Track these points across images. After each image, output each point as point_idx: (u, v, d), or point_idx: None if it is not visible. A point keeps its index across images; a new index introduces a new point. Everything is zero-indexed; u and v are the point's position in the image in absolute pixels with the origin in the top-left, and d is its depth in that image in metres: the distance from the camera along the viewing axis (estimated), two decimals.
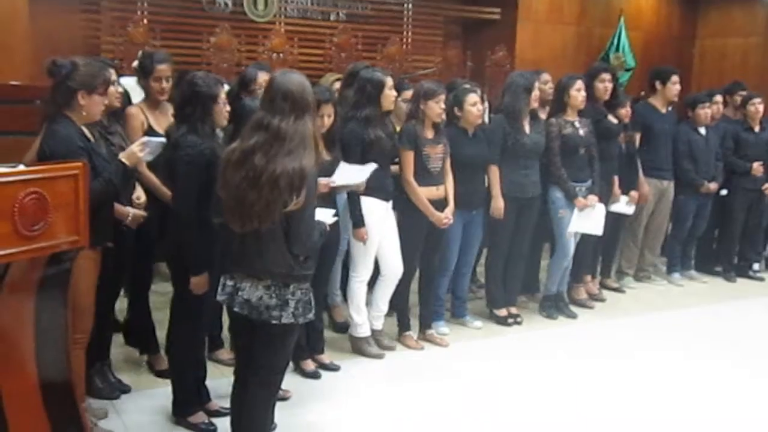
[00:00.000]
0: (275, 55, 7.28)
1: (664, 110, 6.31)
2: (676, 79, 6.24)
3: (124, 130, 3.93)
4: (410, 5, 8.36)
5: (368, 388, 4.32)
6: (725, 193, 6.69)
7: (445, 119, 4.71)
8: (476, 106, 4.79)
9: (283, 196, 2.82)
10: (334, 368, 4.47)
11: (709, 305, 6.17)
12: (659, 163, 6.28)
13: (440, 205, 4.68)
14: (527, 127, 5.14)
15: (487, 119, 5.32)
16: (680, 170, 6.38)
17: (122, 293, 4.33)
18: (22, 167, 2.79)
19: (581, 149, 5.37)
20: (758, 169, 6.61)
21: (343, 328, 4.96)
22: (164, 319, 3.79)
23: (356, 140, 4.33)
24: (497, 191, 5.07)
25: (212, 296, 3.34)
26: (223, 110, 3.50)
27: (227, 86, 3.75)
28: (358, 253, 4.57)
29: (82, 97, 3.21)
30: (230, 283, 3.04)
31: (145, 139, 3.43)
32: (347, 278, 4.76)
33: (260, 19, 7.44)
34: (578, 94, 5.33)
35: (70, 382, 3.06)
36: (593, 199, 5.40)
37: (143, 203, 3.89)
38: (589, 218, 5.40)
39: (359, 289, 4.64)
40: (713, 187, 6.47)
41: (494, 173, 5.07)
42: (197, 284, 3.42)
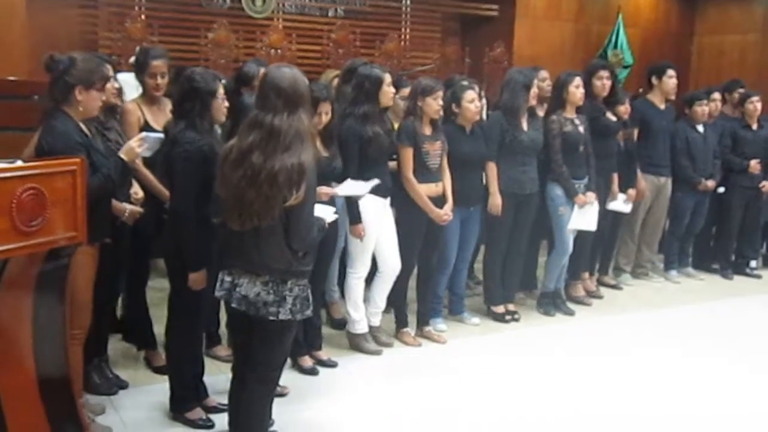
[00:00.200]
0: (273, 51, 7.28)
1: (662, 106, 6.30)
2: (671, 72, 6.24)
3: (120, 126, 3.92)
4: (408, 1, 8.37)
5: (366, 384, 4.32)
6: (723, 190, 6.69)
7: (442, 116, 4.71)
8: (474, 102, 4.79)
9: (282, 191, 2.82)
10: (331, 365, 4.47)
11: (706, 302, 6.18)
12: (657, 159, 6.28)
13: (439, 201, 4.68)
14: (525, 124, 5.13)
15: (485, 116, 5.31)
16: (678, 167, 6.38)
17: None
18: (20, 163, 2.79)
19: (581, 146, 5.37)
20: (756, 166, 6.61)
21: (340, 324, 4.96)
22: (162, 315, 3.79)
23: (354, 137, 4.33)
24: (495, 188, 5.08)
25: (210, 292, 3.34)
26: (221, 106, 3.50)
27: (224, 82, 3.74)
28: (355, 249, 4.57)
29: (79, 92, 3.20)
30: (228, 279, 3.04)
31: (143, 134, 3.44)
32: (345, 275, 4.76)
33: (258, 15, 7.44)
34: (577, 90, 5.33)
35: (67, 377, 3.06)
36: (592, 196, 5.41)
37: (141, 199, 3.89)
38: (585, 215, 5.41)
39: (357, 285, 4.64)
40: (711, 184, 6.47)
41: (492, 170, 5.07)
42: (195, 280, 3.42)
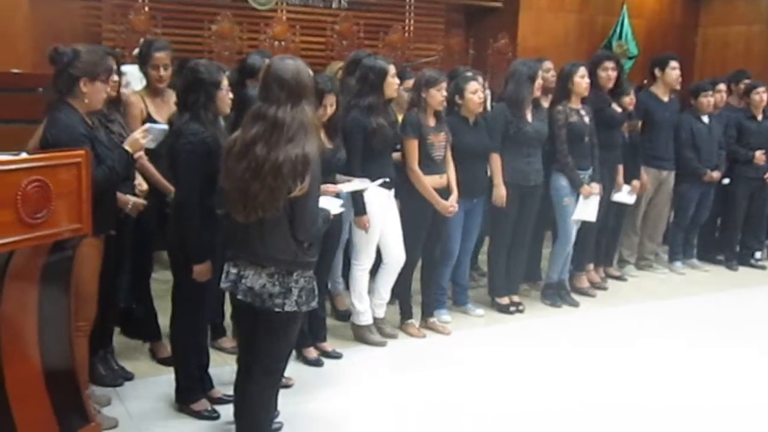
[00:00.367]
0: (277, 43, 7.27)
1: (666, 98, 6.28)
2: (674, 64, 6.21)
3: (123, 118, 3.92)
4: None
5: (370, 375, 4.33)
6: (728, 181, 6.67)
7: (445, 107, 4.71)
8: (477, 94, 4.78)
9: (286, 182, 2.81)
10: (336, 356, 4.47)
11: (711, 294, 6.17)
12: (659, 152, 6.26)
13: (443, 193, 4.67)
14: (530, 115, 5.12)
15: (489, 107, 5.30)
16: (683, 159, 6.36)
17: None
18: (24, 155, 2.79)
19: (586, 137, 5.36)
20: (761, 157, 6.59)
21: (345, 316, 4.97)
22: (166, 307, 3.80)
23: (358, 128, 4.32)
24: (499, 179, 5.07)
25: (214, 284, 3.34)
26: (225, 97, 3.50)
27: (228, 73, 3.74)
28: (360, 241, 4.57)
29: (84, 84, 3.20)
30: (234, 270, 3.04)
31: (147, 126, 3.44)
32: (349, 266, 4.76)
33: (262, 6, 7.43)
34: (582, 81, 5.31)
35: (73, 369, 3.08)
36: (596, 187, 5.41)
37: (145, 191, 3.90)
38: (588, 206, 5.41)
39: (361, 277, 4.64)
40: (716, 175, 6.45)
41: (496, 161, 5.06)
42: (200, 272, 3.43)
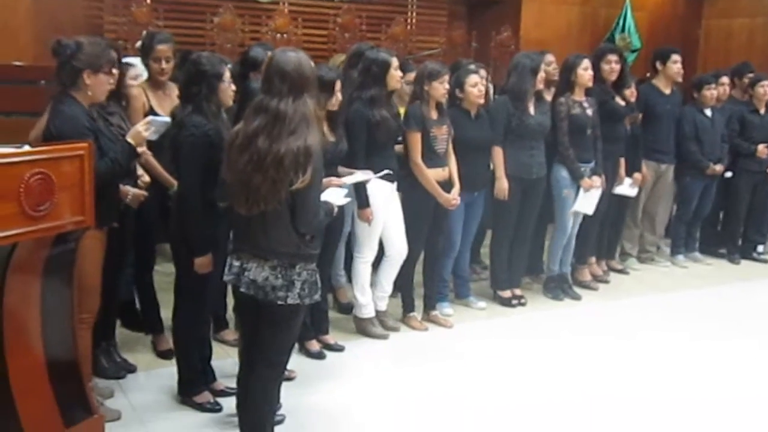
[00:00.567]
0: (279, 35, 7.26)
1: (667, 91, 6.26)
2: (676, 57, 6.20)
3: (123, 110, 3.91)
4: None
5: (373, 368, 4.34)
6: (730, 175, 6.66)
7: (447, 100, 4.70)
8: (477, 86, 4.77)
9: (288, 175, 2.81)
10: (338, 349, 4.48)
11: (713, 287, 6.17)
12: (659, 145, 6.24)
13: (445, 186, 4.67)
14: (532, 108, 5.11)
15: (492, 100, 5.30)
16: (686, 152, 6.35)
17: None
18: (27, 148, 2.79)
19: (588, 130, 5.35)
20: (763, 150, 6.57)
21: (347, 308, 4.97)
22: (169, 299, 3.80)
23: (361, 121, 4.32)
24: (501, 172, 5.06)
25: (216, 276, 3.35)
26: (228, 89, 3.50)
27: (230, 66, 3.73)
28: (362, 234, 4.57)
29: (87, 76, 3.20)
30: (237, 263, 3.04)
31: (150, 118, 3.44)
32: (351, 259, 4.76)
33: None
34: (585, 73, 5.30)
35: (76, 361, 3.08)
36: (597, 180, 5.40)
37: (147, 183, 3.89)
38: (589, 199, 5.41)
39: (364, 270, 4.65)
40: (719, 168, 6.43)
41: (498, 154, 5.06)
42: (201, 264, 3.43)
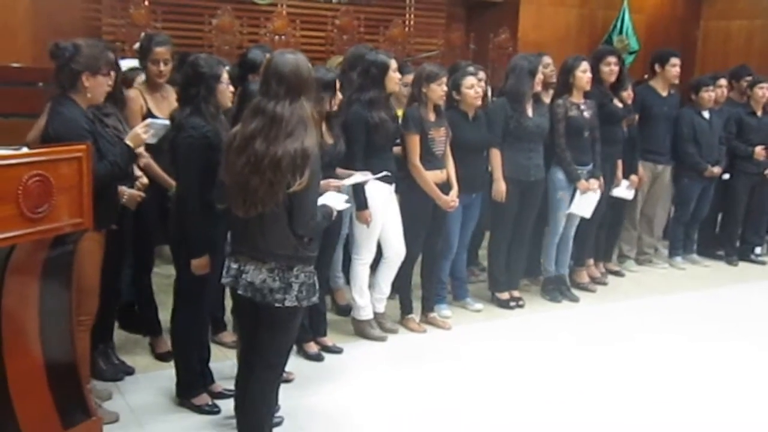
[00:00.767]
0: (277, 37, 7.26)
1: (664, 93, 6.28)
2: (675, 61, 6.21)
3: (120, 112, 3.91)
4: None
5: (371, 370, 4.34)
6: (728, 177, 6.67)
7: (444, 102, 4.71)
8: (473, 88, 4.77)
9: (286, 177, 2.82)
10: (336, 351, 4.48)
11: (711, 289, 6.18)
12: (656, 146, 6.26)
13: (444, 188, 4.67)
14: (530, 110, 5.12)
15: (489, 101, 5.31)
16: (684, 154, 6.36)
17: None
18: (25, 150, 2.79)
19: (585, 132, 5.36)
20: (761, 152, 6.58)
21: (345, 310, 4.97)
22: (167, 301, 3.80)
23: (360, 123, 4.32)
24: (499, 174, 5.07)
25: (215, 278, 3.35)
26: (226, 91, 3.51)
27: (228, 68, 3.73)
28: (361, 235, 4.57)
29: (86, 78, 3.21)
30: (234, 265, 3.05)
31: (149, 121, 3.44)
32: (349, 261, 4.77)
33: (262, 1, 7.41)
34: (583, 75, 5.31)
35: (74, 363, 3.08)
36: (594, 183, 5.40)
37: (146, 185, 3.89)
38: (586, 201, 5.41)
39: (362, 271, 4.65)
40: (717, 170, 6.44)
41: (495, 156, 5.06)
42: (198, 266, 3.44)
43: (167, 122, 3.49)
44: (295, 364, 4.05)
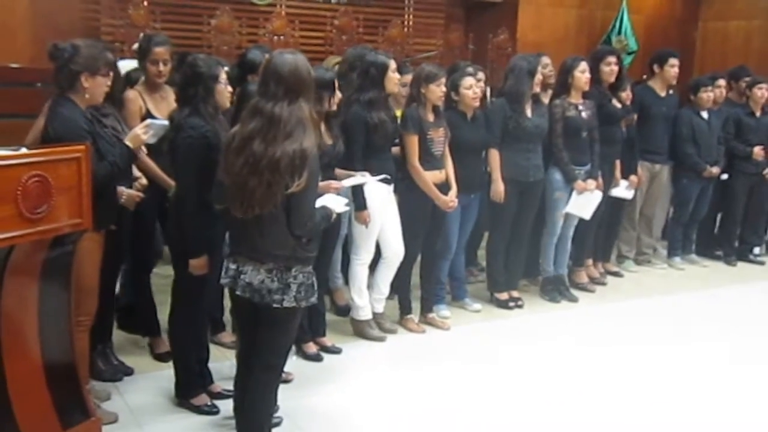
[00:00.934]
0: (276, 37, 7.26)
1: (663, 93, 6.29)
2: (673, 61, 6.22)
3: (119, 112, 3.91)
4: None
5: (370, 370, 4.34)
6: (726, 177, 6.68)
7: (443, 102, 4.71)
8: (471, 89, 4.78)
9: (284, 178, 2.82)
10: (335, 351, 4.48)
11: (709, 289, 6.19)
12: (654, 146, 6.26)
13: (443, 188, 4.67)
14: (529, 110, 5.12)
15: (488, 102, 5.31)
16: (682, 154, 6.37)
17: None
18: (24, 150, 2.79)
19: (583, 132, 5.36)
20: (759, 153, 6.60)
21: (344, 311, 4.97)
22: (165, 301, 3.80)
23: (360, 123, 4.32)
24: (497, 175, 5.07)
25: (214, 278, 3.35)
26: (224, 91, 3.50)
27: (227, 68, 3.73)
28: (359, 236, 4.57)
29: (85, 79, 3.21)
30: (233, 266, 3.05)
31: (148, 121, 3.44)
32: (348, 261, 4.77)
33: (261, 1, 7.41)
34: (582, 75, 5.31)
35: (73, 364, 3.08)
36: (592, 183, 5.40)
37: (145, 185, 3.89)
38: (585, 202, 5.41)
39: (361, 272, 4.65)
40: (715, 171, 6.45)
41: (494, 157, 5.07)
42: (196, 266, 3.44)
43: (166, 123, 3.49)
44: (294, 364, 4.05)
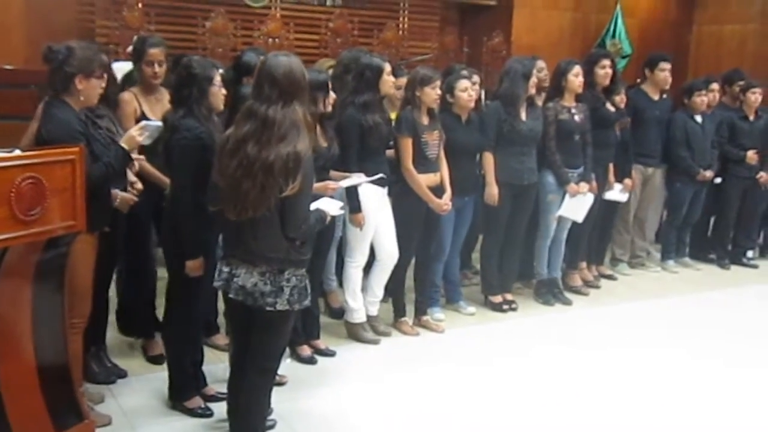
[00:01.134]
0: (271, 40, 7.27)
1: (656, 97, 6.31)
2: (663, 65, 6.23)
3: (113, 114, 3.90)
4: None
5: (364, 373, 4.33)
6: (720, 181, 6.70)
7: (438, 105, 4.72)
8: (466, 91, 4.78)
9: (278, 181, 2.82)
10: (329, 354, 4.47)
11: (703, 292, 6.19)
12: (647, 149, 6.27)
13: (437, 191, 4.68)
14: (524, 113, 5.13)
15: (483, 106, 5.32)
16: (676, 157, 6.38)
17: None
18: (18, 152, 2.79)
19: (576, 135, 5.37)
20: (753, 157, 6.62)
21: (338, 313, 4.97)
22: (159, 303, 3.79)
23: (354, 125, 4.32)
24: (491, 178, 5.07)
25: (208, 280, 3.34)
26: (218, 93, 3.51)
27: (222, 71, 3.73)
28: (354, 238, 4.57)
29: (80, 81, 3.20)
30: (226, 269, 3.04)
31: (143, 123, 3.44)
32: (342, 264, 4.77)
33: (256, 3, 7.42)
34: (575, 79, 5.32)
35: (67, 366, 3.07)
36: (585, 186, 5.41)
37: (140, 190, 3.86)
38: (577, 205, 5.42)
39: (355, 274, 4.65)
40: (709, 174, 6.46)
41: (488, 160, 5.07)
42: (192, 268, 3.43)
43: (161, 124, 3.48)
44: (288, 367, 4.05)
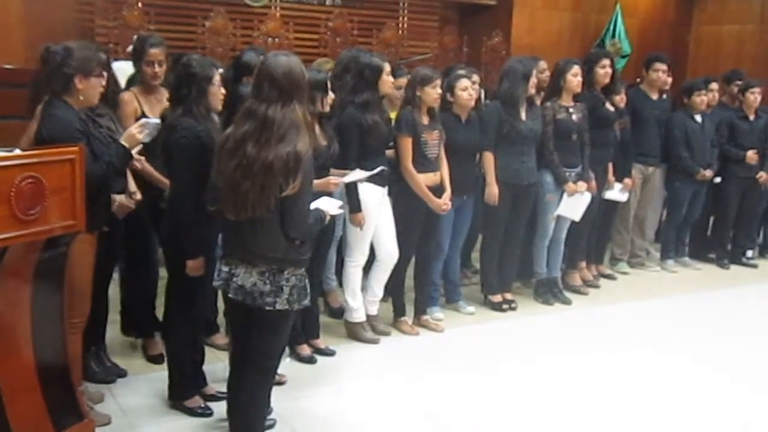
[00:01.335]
0: (270, 39, 7.26)
1: (654, 97, 6.32)
2: (658, 66, 6.25)
3: (113, 113, 3.90)
4: None
5: (363, 372, 4.33)
6: (719, 180, 6.70)
7: (438, 105, 4.72)
8: (467, 91, 4.78)
9: (277, 181, 2.81)
10: (329, 353, 4.48)
11: (702, 291, 6.20)
12: (646, 148, 6.28)
13: (437, 191, 4.68)
14: (524, 113, 5.13)
15: (483, 105, 5.32)
16: (676, 157, 6.39)
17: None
18: (18, 151, 2.79)
19: (574, 135, 5.37)
20: (752, 156, 6.62)
21: (338, 313, 4.97)
22: (159, 303, 3.79)
23: (354, 125, 4.32)
24: (492, 178, 5.07)
25: (208, 280, 3.34)
26: (218, 92, 3.50)
27: (221, 70, 3.73)
28: (353, 237, 4.57)
29: (79, 81, 3.20)
30: (225, 268, 3.04)
31: (143, 120, 3.43)
32: (342, 263, 4.77)
33: (255, 3, 7.41)
34: (574, 78, 5.32)
35: (66, 365, 3.07)
36: (583, 185, 5.42)
37: (139, 200, 3.85)
38: (575, 204, 5.43)
39: (355, 274, 4.65)
40: (709, 174, 6.47)
41: (488, 160, 5.07)
42: (192, 267, 3.43)
43: (160, 121, 3.48)
44: (287, 366, 4.05)
